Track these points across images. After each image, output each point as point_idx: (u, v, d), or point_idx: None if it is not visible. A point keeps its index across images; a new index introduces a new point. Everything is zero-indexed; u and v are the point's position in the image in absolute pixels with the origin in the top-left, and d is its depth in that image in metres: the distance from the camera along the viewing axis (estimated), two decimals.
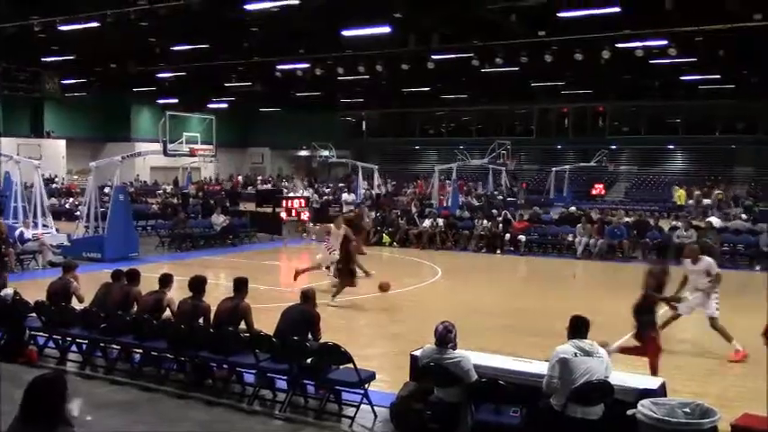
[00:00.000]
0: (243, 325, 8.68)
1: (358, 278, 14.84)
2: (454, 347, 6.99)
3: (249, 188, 47.89)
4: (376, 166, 40.02)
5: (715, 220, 24.45)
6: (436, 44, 28.45)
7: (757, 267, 19.30)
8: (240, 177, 54.50)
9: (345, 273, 14.40)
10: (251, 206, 32.78)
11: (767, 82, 40.27)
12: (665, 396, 6.64)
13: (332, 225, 16.09)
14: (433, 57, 30.21)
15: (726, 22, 24.79)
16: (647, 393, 6.49)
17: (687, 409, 5.99)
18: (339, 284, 14.28)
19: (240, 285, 8.95)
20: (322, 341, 8.18)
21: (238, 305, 8.76)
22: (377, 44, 28.45)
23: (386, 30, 24.85)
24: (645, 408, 5.99)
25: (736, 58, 32.78)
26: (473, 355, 7.15)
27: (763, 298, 12.37)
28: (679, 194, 38.47)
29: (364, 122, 60.49)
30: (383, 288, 14.51)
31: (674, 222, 23.91)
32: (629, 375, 7.12)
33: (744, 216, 27.14)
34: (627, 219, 25.17)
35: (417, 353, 7.38)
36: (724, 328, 10.70)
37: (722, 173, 47.27)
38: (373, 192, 39.06)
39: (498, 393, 6.85)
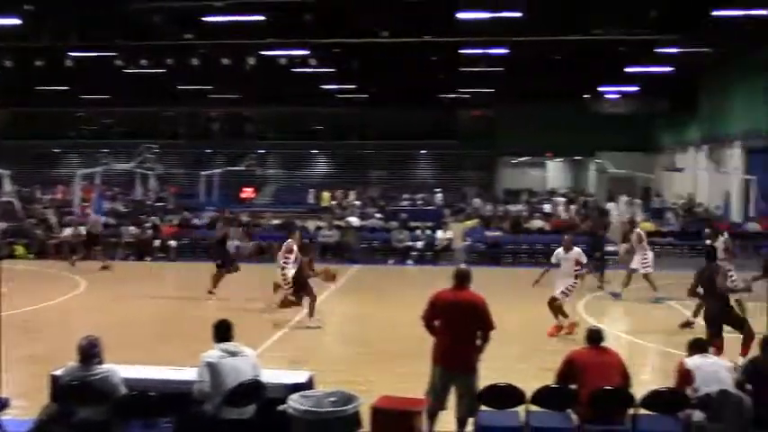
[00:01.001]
0: None
1: None
2: (100, 362, 6.58)
3: None
4: (7, 172, 36.14)
5: (354, 220, 26.38)
6: (75, 41, 26.62)
7: (390, 261, 21.24)
8: None
9: None
10: None
11: (394, 92, 44.69)
12: (314, 388, 6.97)
13: None
14: (72, 54, 28.23)
15: (359, 36, 26.91)
16: (297, 388, 6.74)
17: (333, 398, 6.36)
18: None
19: None
20: None
21: None
22: (5, 36, 25.74)
23: (15, 21, 22.58)
24: (294, 402, 6.22)
25: (368, 70, 35.77)
26: (122, 369, 6.80)
27: (403, 289, 13.60)
28: (323, 197, 40.79)
29: None
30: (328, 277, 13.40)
31: (318, 223, 25.30)
32: (279, 372, 7.34)
33: (378, 215, 29.70)
34: (275, 221, 26.02)
35: (59, 372, 6.81)
36: (561, 308, 12.00)
37: (360, 176, 51.20)
38: (3, 200, 35.14)
39: (149, 405, 6.60)
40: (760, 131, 31.34)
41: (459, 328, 7.02)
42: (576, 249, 12.65)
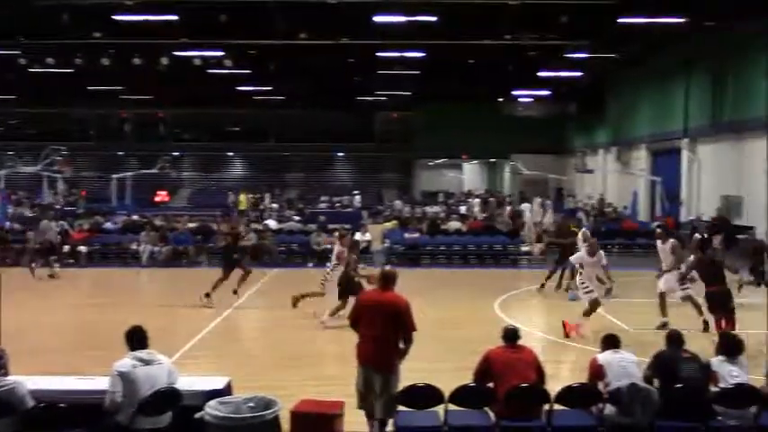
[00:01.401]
0: None
1: None
2: (6, 374, 6.31)
3: None
4: None
5: (272, 223, 26.15)
6: None
7: (310, 264, 21.13)
8: None
9: None
10: None
11: (312, 94, 44.56)
12: (232, 394, 6.86)
13: None
14: None
15: (276, 38, 26.71)
16: (214, 394, 6.61)
17: (252, 404, 6.27)
18: None
19: None
20: None
21: None
22: None
23: None
24: (212, 408, 6.11)
25: (285, 72, 35.53)
26: (30, 380, 6.53)
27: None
28: (241, 200, 40.25)
29: None
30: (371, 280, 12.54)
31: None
32: (196, 378, 7.19)
33: (296, 218, 29.55)
34: (191, 225, 25.54)
35: None
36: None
37: (277, 179, 50.85)
38: None
39: (58, 418, 6.35)
40: (664, 134, 32.72)
41: (380, 329, 7.06)
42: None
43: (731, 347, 6.98)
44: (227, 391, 6.91)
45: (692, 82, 30.13)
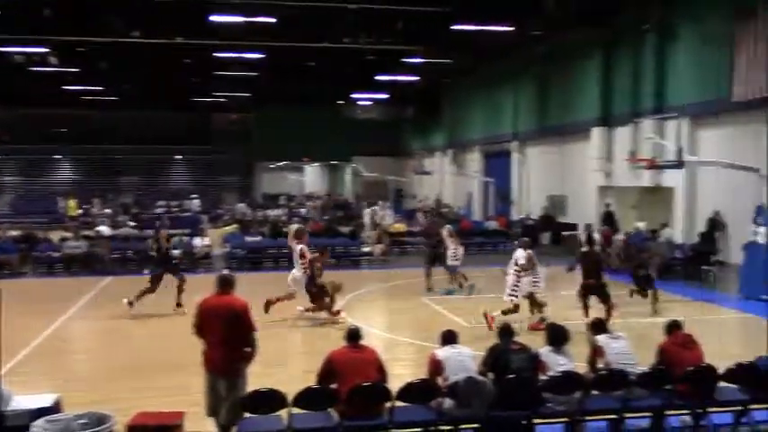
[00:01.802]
0: None
1: None
2: None
3: None
4: None
5: (105, 229, 24.94)
6: None
7: (146, 271, 20.27)
8: None
9: None
10: None
11: (147, 95, 42.97)
12: (61, 411, 6.49)
13: None
14: None
15: (106, 35, 25.52)
16: (41, 412, 6.24)
17: (83, 420, 5.97)
18: None
19: None
20: None
21: None
22: None
23: None
24: (38, 428, 5.75)
25: (118, 71, 34.06)
26: None
27: (159, 299, 13.07)
28: (70, 205, 38.09)
29: None
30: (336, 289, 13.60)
31: (64, 233, 23.58)
32: (21, 397, 6.73)
33: (131, 223, 28.36)
34: (14, 232, 23.86)
35: None
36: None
37: (111, 182, 48.60)
38: None
39: None
40: (495, 137, 34.32)
41: (221, 333, 7.00)
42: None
43: (557, 338, 7.43)
44: (55, 408, 6.54)
45: (519, 87, 31.85)
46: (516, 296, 12.91)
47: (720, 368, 7.22)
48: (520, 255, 13.14)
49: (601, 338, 7.55)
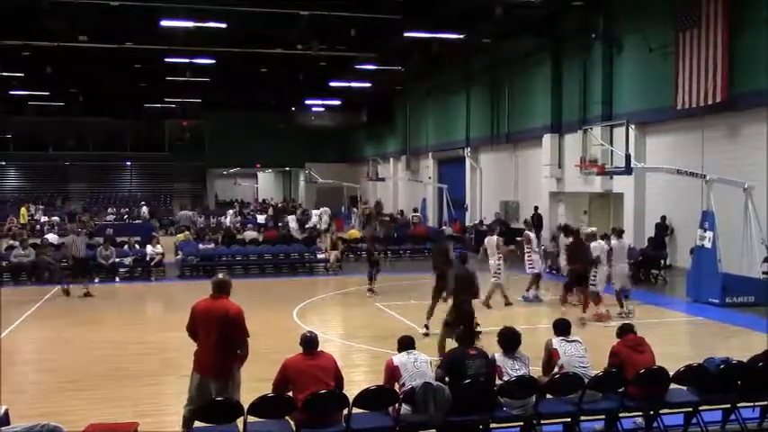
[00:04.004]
0: None
1: None
2: None
3: None
4: None
5: (52, 237, 24.44)
6: None
7: (96, 280, 19.89)
8: None
9: None
10: None
11: (96, 101, 42.23)
12: (10, 424, 6.31)
13: None
14: None
15: (53, 40, 25.02)
16: None
17: None
18: None
19: None
20: None
21: None
22: None
23: None
24: None
25: (66, 76, 33.39)
26: None
27: (110, 308, 12.78)
28: (22, 213, 37.15)
29: None
30: None
31: (10, 242, 22.98)
32: None
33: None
34: None
35: None
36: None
37: (58, 189, 47.61)
38: None
39: None
40: (448, 144, 34.58)
41: (213, 336, 6.96)
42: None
43: (511, 342, 7.48)
44: (3, 420, 6.35)
45: (472, 95, 32.15)
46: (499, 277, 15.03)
47: (671, 370, 7.36)
48: (491, 241, 15.52)
49: (555, 341, 7.63)
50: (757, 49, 17.27)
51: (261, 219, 35.09)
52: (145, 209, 40.51)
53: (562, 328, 7.82)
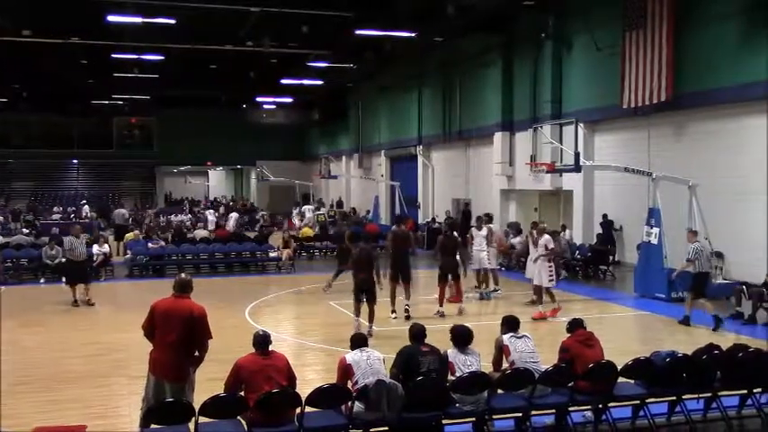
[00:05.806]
0: None
1: None
2: None
3: None
4: None
5: None
6: None
7: (42, 281, 19.45)
8: None
9: None
10: None
11: (40, 97, 41.25)
12: None
13: None
14: None
15: None
16: None
17: None
18: None
19: None
20: None
21: None
22: None
23: None
24: None
25: (7, 72, 32.55)
26: None
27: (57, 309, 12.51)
28: None
29: None
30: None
31: None
32: None
33: (25, 230, 27.16)
34: None
35: None
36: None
37: (2, 187, 46.41)
38: None
39: None
40: (400, 142, 34.68)
41: (173, 337, 6.83)
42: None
43: (462, 338, 7.54)
44: None
45: (424, 92, 32.28)
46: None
47: (619, 364, 7.50)
48: (479, 232, 16.20)
49: (506, 338, 7.71)
50: (702, 49, 17.71)
51: (211, 217, 34.63)
52: (86, 208, 39.42)
53: (511, 324, 7.92)
